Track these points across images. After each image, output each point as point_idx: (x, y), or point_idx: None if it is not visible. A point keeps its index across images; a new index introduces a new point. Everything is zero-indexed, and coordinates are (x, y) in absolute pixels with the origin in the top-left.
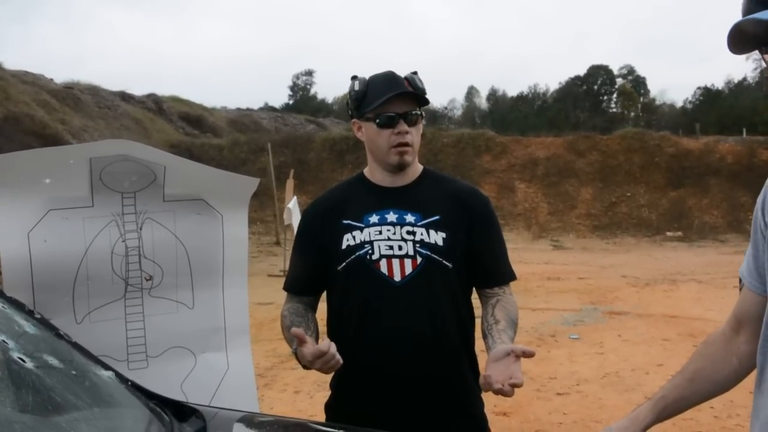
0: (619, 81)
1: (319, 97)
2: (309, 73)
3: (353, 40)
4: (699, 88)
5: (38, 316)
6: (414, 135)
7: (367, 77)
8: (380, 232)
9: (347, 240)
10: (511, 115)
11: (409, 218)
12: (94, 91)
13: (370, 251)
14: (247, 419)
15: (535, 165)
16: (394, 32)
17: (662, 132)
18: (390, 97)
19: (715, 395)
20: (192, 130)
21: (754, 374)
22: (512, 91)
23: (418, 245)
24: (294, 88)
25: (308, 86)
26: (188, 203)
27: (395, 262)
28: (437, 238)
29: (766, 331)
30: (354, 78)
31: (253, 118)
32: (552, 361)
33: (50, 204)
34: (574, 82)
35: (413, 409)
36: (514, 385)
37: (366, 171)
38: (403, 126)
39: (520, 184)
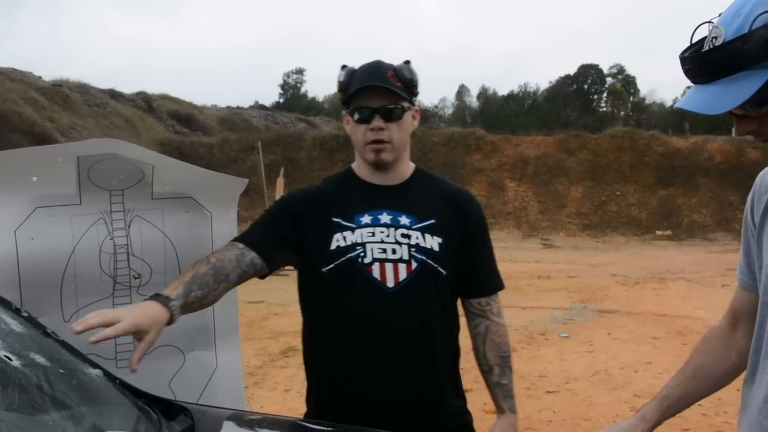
0: (609, 80)
1: (310, 95)
2: (299, 72)
3: (345, 36)
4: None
5: (25, 314)
6: (394, 131)
7: (356, 66)
8: (373, 234)
9: (337, 240)
10: (501, 114)
11: (404, 220)
12: (83, 89)
13: (362, 254)
14: (236, 417)
15: (526, 164)
16: (386, 29)
17: (652, 131)
18: (364, 90)
19: (717, 390)
20: (182, 129)
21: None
22: (503, 90)
23: (413, 249)
24: (284, 86)
25: (299, 84)
26: (177, 201)
27: (388, 266)
28: (433, 243)
29: (759, 330)
30: (343, 67)
31: (244, 116)
32: (542, 360)
33: (37, 201)
34: (565, 81)
35: (398, 411)
36: None
37: (354, 165)
38: (378, 122)
39: (511, 182)
